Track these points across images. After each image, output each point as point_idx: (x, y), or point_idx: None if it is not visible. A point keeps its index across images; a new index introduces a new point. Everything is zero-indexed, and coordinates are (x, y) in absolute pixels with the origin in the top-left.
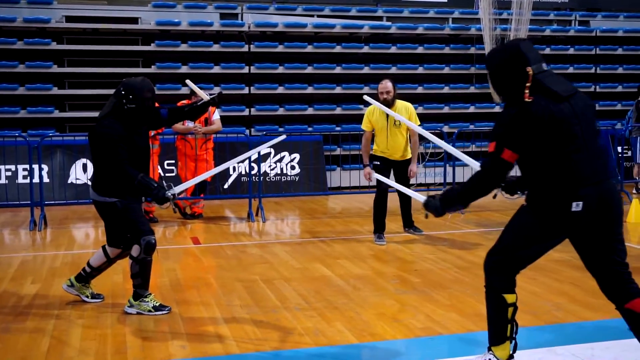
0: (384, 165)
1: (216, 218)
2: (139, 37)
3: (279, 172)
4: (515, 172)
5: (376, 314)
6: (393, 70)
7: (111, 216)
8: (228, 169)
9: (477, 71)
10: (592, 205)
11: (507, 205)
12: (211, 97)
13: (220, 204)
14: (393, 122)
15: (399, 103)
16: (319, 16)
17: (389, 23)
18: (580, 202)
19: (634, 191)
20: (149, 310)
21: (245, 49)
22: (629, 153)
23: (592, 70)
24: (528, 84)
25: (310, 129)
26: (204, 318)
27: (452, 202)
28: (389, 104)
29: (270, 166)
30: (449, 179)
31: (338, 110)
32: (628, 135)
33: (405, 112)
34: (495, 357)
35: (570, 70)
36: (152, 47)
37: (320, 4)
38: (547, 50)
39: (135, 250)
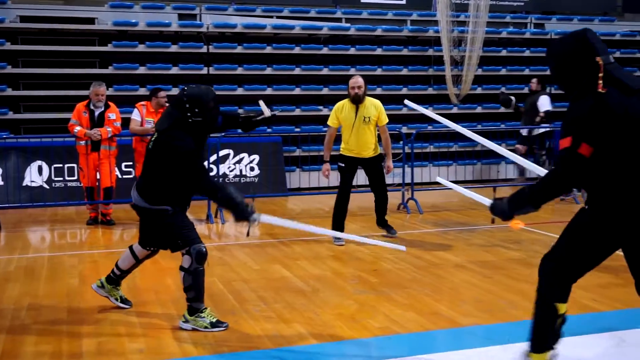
0: (348, 167)
1: None
2: (96, 37)
3: (238, 173)
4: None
5: (335, 315)
6: (352, 71)
7: (159, 224)
8: None
9: (435, 72)
10: None
11: (465, 204)
12: (272, 114)
13: None
14: (362, 119)
15: (368, 100)
16: (278, 17)
17: (348, 24)
18: None
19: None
20: (205, 327)
21: (204, 49)
22: None
23: (548, 72)
24: (601, 74)
25: (269, 130)
26: (161, 320)
27: (522, 204)
28: (360, 99)
29: (229, 167)
30: (407, 179)
31: (297, 112)
32: None
33: (374, 109)
34: None
35: (527, 72)
36: (109, 48)
37: (279, 5)
38: (504, 52)
39: (186, 261)
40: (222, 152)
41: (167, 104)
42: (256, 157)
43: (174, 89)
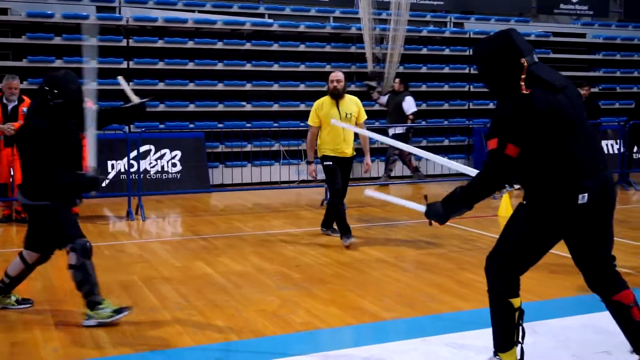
0: (335, 164)
1: (93, 217)
2: (9, 29)
3: (159, 169)
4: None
5: (257, 311)
6: (275, 67)
7: (41, 219)
8: (106, 166)
9: (357, 70)
10: (595, 196)
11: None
12: (141, 101)
13: (98, 203)
14: (344, 116)
15: (347, 96)
16: (200, 12)
17: (271, 20)
18: (586, 194)
19: (505, 186)
20: (110, 316)
21: (124, 43)
22: None
23: (466, 71)
24: (523, 76)
25: (191, 125)
26: (78, 320)
27: (456, 206)
28: (339, 93)
29: (150, 163)
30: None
31: (220, 107)
32: None
33: (355, 106)
34: None
35: (446, 70)
36: (23, 40)
37: (201, 0)
38: (424, 51)
39: (72, 258)
40: (142, 148)
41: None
42: (178, 153)
43: (91, 83)
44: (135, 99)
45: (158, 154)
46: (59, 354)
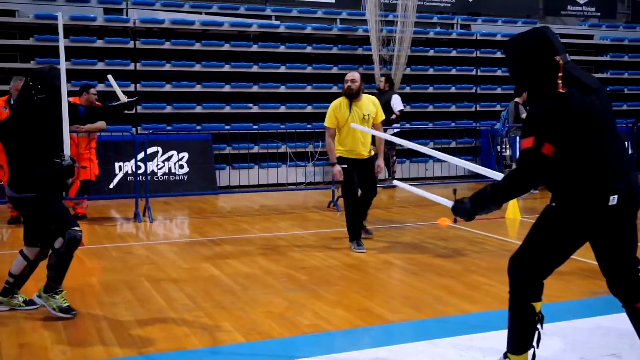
0: (352, 167)
1: (101, 219)
2: (17, 30)
3: (167, 171)
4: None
5: (264, 312)
6: (282, 69)
7: (31, 212)
8: (113, 168)
9: (364, 71)
10: (624, 198)
11: (394, 202)
12: (129, 100)
13: (106, 205)
14: (362, 117)
15: (365, 97)
16: (206, 13)
17: (278, 22)
18: (616, 196)
19: None
20: (54, 308)
21: (131, 45)
22: (507, 152)
23: (473, 72)
24: (560, 74)
25: (198, 127)
26: (85, 321)
27: (486, 203)
28: (353, 94)
29: (157, 165)
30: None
31: (227, 109)
32: (505, 135)
33: (373, 106)
34: None
35: (453, 72)
36: (30, 42)
37: (208, 2)
38: (431, 52)
39: (58, 242)
40: (150, 150)
41: (97, 101)
42: (185, 155)
43: (99, 84)
44: (124, 98)
45: (165, 156)
46: (67, 356)
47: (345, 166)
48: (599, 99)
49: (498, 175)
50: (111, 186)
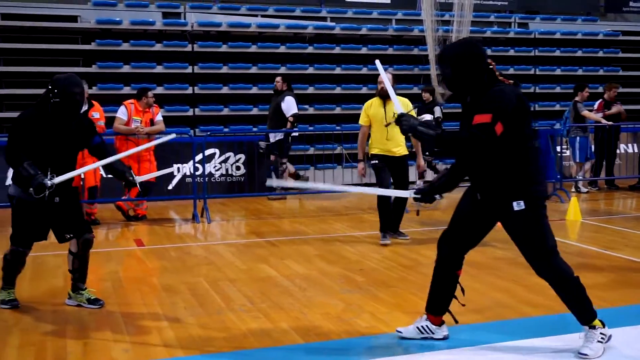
0: (382, 163)
1: (160, 220)
2: (79, 35)
3: (224, 172)
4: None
5: (322, 314)
6: (338, 70)
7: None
8: (172, 168)
9: (420, 72)
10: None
11: (452, 203)
12: (133, 179)
13: (165, 206)
14: (392, 116)
15: (400, 99)
16: (263, 16)
17: (333, 24)
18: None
19: (573, 190)
20: (84, 302)
21: (189, 48)
22: (567, 152)
23: (532, 72)
24: (497, 73)
25: (255, 129)
26: (147, 321)
27: (428, 136)
28: (387, 94)
29: (215, 167)
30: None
31: None
32: (566, 135)
33: (405, 108)
34: (601, 329)
35: (511, 71)
36: (92, 46)
37: (264, 4)
38: (488, 52)
39: (73, 245)
40: (207, 152)
41: (155, 104)
42: (242, 157)
43: (158, 87)
44: (131, 179)
45: (222, 157)
46: (129, 355)
47: (377, 162)
48: None
49: (404, 194)
50: (170, 187)
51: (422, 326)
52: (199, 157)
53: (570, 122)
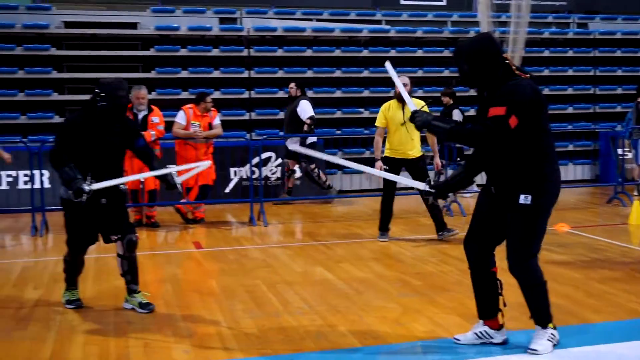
0: (392, 169)
1: (218, 222)
2: (139, 42)
3: (280, 176)
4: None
5: (379, 318)
6: None
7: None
8: (228, 173)
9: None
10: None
11: None
12: (173, 181)
13: (222, 209)
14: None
15: (414, 101)
16: (318, 20)
17: (388, 26)
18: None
19: (635, 193)
20: (135, 306)
21: (245, 53)
22: (629, 155)
23: (591, 73)
24: (514, 66)
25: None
26: (206, 322)
27: (442, 129)
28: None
29: (271, 170)
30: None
31: (338, 114)
32: (629, 137)
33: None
34: (552, 330)
35: (570, 72)
36: (151, 52)
37: (319, 8)
38: (546, 53)
39: (120, 248)
40: (264, 155)
41: (213, 108)
42: None
43: (215, 92)
44: (173, 179)
45: (279, 161)
46: (189, 356)
47: (386, 167)
48: None
49: (420, 185)
50: (227, 190)
51: (480, 332)
52: (255, 160)
53: (633, 124)
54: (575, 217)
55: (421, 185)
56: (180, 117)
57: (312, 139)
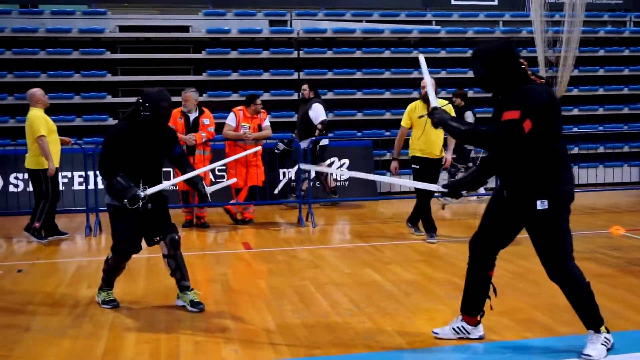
0: (422, 167)
1: (266, 223)
2: (190, 45)
3: (295, 178)
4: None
5: (427, 320)
6: (443, 74)
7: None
8: (278, 174)
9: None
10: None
11: None
12: (205, 192)
13: (271, 210)
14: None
15: (440, 101)
16: (367, 21)
17: (439, 27)
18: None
19: None
20: (187, 303)
21: (295, 55)
22: None
23: None
24: (529, 72)
25: (359, 134)
26: (255, 322)
27: (457, 130)
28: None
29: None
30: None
31: (387, 115)
32: None
33: (447, 111)
34: (605, 334)
35: (626, 72)
36: (203, 55)
37: (369, 9)
38: (601, 52)
39: (164, 248)
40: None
41: (262, 110)
42: (346, 161)
43: (265, 94)
44: (204, 190)
45: (327, 162)
46: (238, 355)
47: (417, 167)
48: None
49: (433, 187)
50: (276, 192)
51: (457, 327)
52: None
53: None
54: (631, 220)
55: (434, 187)
56: (231, 119)
57: (324, 141)
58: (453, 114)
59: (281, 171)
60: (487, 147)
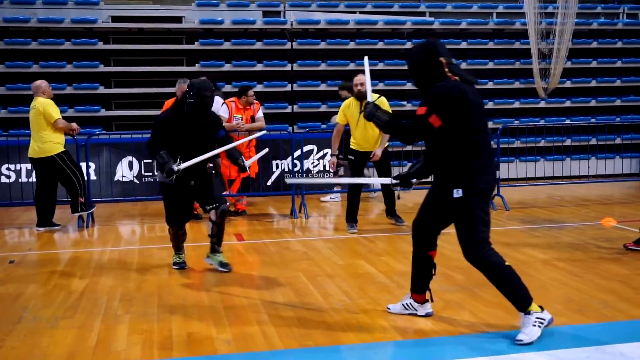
0: (358, 159)
1: (259, 215)
2: (183, 36)
3: (321, 169)
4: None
5: None
6: None
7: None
8: (271, 165)
9: (522, 66)
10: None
11: (553, 201)
12: (243, 165)
13: (264, 201)
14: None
15: (373, 96)
16: (361, 12)
17: (432, 18)
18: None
19: None
20: (217, 263)
21: (288, 46)
22: None
23: None
24: (446, 69)
25: None
26: (248, 314)
27: (382, 121)
28: (363, 96)
29: (312, 163)
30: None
31: None
32: None
33: (381, 104)
34: (537, 313)
35: (619, 64)
36: (195, 46)
37: (362, 0)
38: (594, 44)
39: (213, 215)
40: (306, 148)
41: (255, 101)
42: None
43: (258, 85)
44: (242, 164)
45: (320, 154)
46: (230, 346)
47: (352, 158)
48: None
49: (386, 180)
50: (269, 183)
51: (406, 303)
52: (297, 153)
53: None
54: (622, 212)
55: (387, 180)
56: (223, 111)
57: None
58: (387, 107)
59: (274, 162)
60: (400, 138)
